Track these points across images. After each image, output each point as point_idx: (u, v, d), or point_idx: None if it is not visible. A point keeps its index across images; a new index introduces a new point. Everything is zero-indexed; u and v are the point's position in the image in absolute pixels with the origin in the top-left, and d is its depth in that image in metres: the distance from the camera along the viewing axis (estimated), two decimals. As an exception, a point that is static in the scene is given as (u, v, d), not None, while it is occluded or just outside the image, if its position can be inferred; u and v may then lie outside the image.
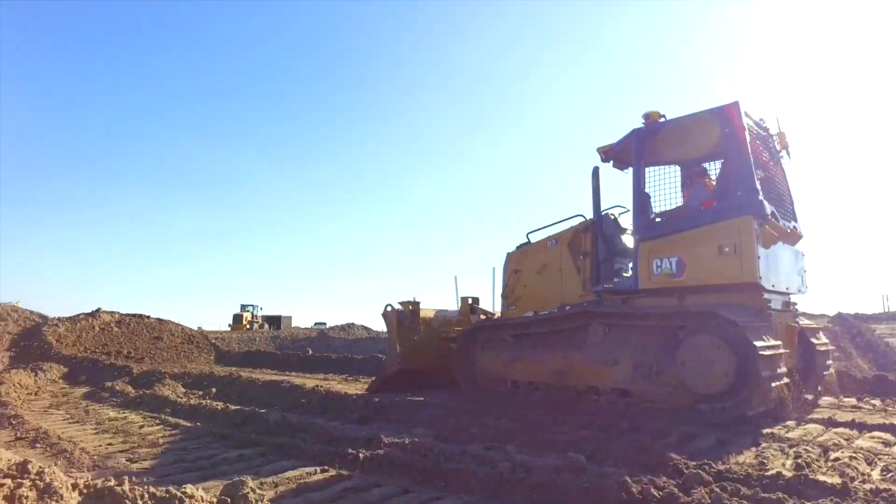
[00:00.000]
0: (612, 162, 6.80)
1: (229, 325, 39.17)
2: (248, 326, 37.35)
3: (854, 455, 3.85)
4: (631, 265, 6.19)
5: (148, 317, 17.62)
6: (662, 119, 6.25)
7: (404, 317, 8.00)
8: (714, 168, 6.53)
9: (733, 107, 5.76)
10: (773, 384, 4.79)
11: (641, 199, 6.22)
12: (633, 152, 6.32)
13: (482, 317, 8.28)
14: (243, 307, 40.08)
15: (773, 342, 4.96)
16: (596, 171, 6.65)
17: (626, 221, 6.79)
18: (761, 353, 4.69)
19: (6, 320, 16.53)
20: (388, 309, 8.09)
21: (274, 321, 40.58)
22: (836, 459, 3.74)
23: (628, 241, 6.58)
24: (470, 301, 8.61)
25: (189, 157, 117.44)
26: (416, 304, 8.09)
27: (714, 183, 6.28)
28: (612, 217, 6.92)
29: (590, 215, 6.82)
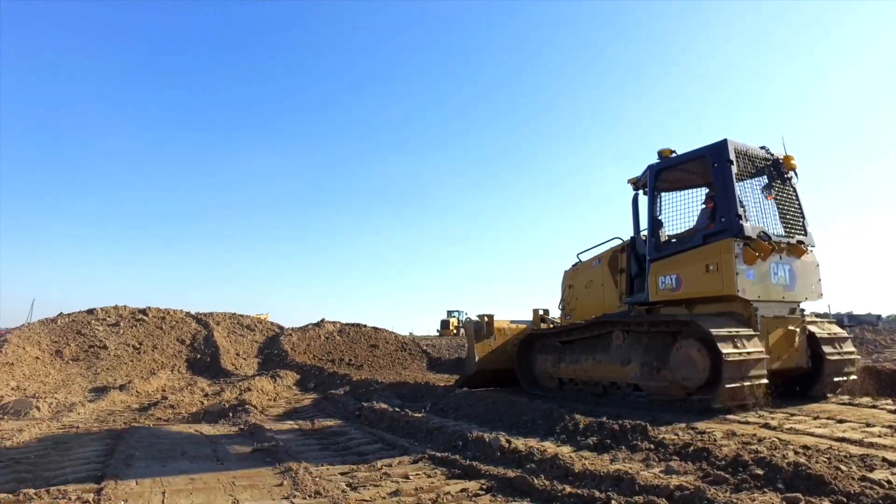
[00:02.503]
0: (641, 190, 7.70)
1: (437, 331, 41.02)
2: (454, 332, 38.64)
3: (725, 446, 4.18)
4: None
5: (365, 325, 18.75)
6: (673, 154, 7.27)
7: (481, 326, 9.15)
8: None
9: (720, 144, 6.68)
10: (737, 385, 5.62)
11: (653, 225, 7.31)
12: (647, 183, 7.41)
13: (552, 325, 9.32)
14: (449, 313, 41.69)
15: (745, 349, 5.74)
16: (635, 198, 7.72)
17: None
18: (728, 359, 5.54)
19: (254, 330, 18.87)
20: (467, 321, 9.67)
21: (481, 325, 41.33)
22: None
23: None
24: (541, 312, 9.72)
25: (397, 177, 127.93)
26: (490, 316, 9.28)
27: None
28: (644, 238, 7.58)
29: (627, 238, 8.00)
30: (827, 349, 6.76)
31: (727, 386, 5.52)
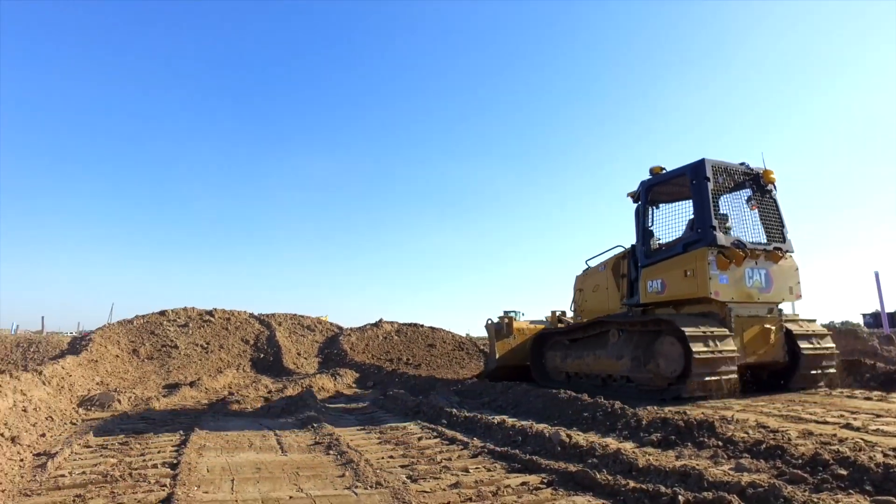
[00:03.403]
0: (639, 203, 8.37)
1: (493, 332, 40.76)
2: (509, 332, 38.25)
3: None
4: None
5: (422, 325, 18.87)
6: (663, 171, 8.07)
7: (501, 327, 10.02)
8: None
9: (698, 163, 7.39)
10: (705, 378, 6.36)
11: (644, 235, 8.13)
12: (640, 197, 8.28)
13: (566, 325, 9.94)
14: (506, 313, 41.45)
15: (716, 346, 6.43)
16: (637, 210, 8.37)
17: None
18: (697, 356, 6.27)
19: (314, 331, 19.34)
20: (488, 322, 10.25)
21: (533, 327, 40.98)
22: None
23: None
24: (558, 313, 10.56)
25: (454, 179, 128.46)
26: (510, 317, 10.21)
27: None
28: None
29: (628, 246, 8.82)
30: (803, 344, 7.33)
31: (695, 379, 6.32)
